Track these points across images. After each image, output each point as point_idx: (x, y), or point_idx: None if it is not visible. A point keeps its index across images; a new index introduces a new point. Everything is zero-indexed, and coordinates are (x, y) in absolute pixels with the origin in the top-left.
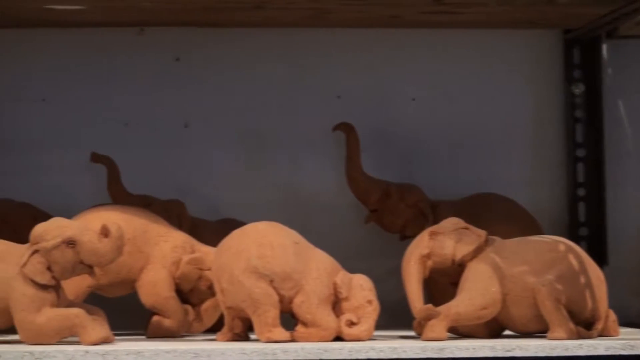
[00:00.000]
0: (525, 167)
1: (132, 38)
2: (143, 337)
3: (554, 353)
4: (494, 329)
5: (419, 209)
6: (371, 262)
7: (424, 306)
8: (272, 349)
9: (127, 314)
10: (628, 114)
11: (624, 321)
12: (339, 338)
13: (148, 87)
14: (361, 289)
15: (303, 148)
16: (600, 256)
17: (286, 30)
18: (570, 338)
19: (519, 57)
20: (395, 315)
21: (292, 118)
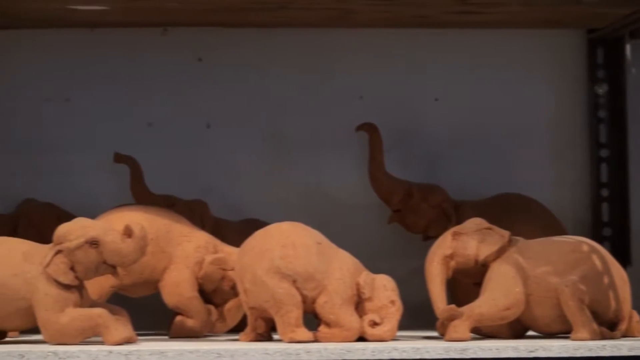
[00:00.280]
0: (548, 168)
1: (155, 38)
2: (166, 337)
3: (578, 354)
4: (517, 330)
5: (442, 210)
6: (394, 263)
7: (447, 307)
8: (295, 349)
9: (150, 314)
10: None
11: None
12: (362, 338)
13: (171, 88)
14: (384, 289)
15: (326, 148)
16: (623, 256)
17: (309, 30)
18: (593, 339)
19: (543, 57)
20: (418, 315)
21: (315, 118)
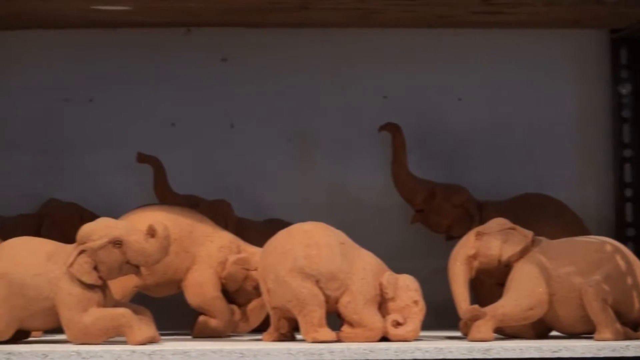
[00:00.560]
0: (572, 168)
1: (179, 39)
2: (189, 337)
3: (601, 354)
4: (541, 330)
5: (465, 210)
6: (417, 263)
7: (470, 307)
8: (318, 349)
9: (173, 314)
10: None
11: None
12: (385, 338)
13: (194, 88)
14: (407, 289)
15: (349, 148)
16: None
17: (332, 30)
18: (617, 339)
19: (566, 57)
20: (441, 315)
21: (339, 118)
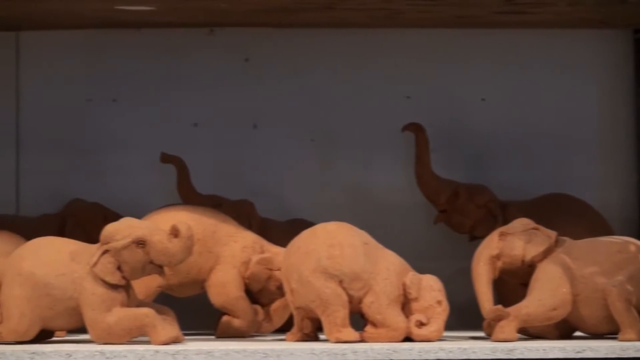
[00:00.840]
0: (595, 168)
1: (202, 39)
2: (213, 337)
3: (625, 354)
4: (564, 330)
5: (489, 210)
6: (440, 263)
7: (494, 307)
8: (342, 349)
9: (197, 314)
10: None
11: None
12: (409, 339)
13: (217, 88)
14: (431, 290)
15: (372, 148)
16: None
17: (356, 30)
18: None
19: (589, 57)
20: (464, 316)
21: (362, 118)
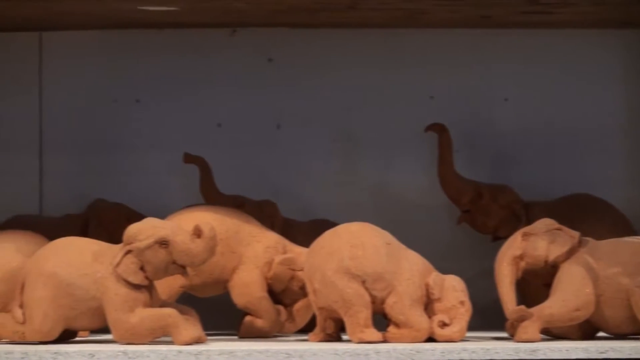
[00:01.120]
0: (618, 168)
1: (225, 39)
2: (235, 337)
3: None
4: (588, 331)
5: (512, 210)
6: (463, 263)
7: (517, 307)
8: (364, 350)
9: (219, 314)
10: None
11: None
12: (431, 339)
13: (240, 88)
14: (453, 290)
15: (395, 148)
16: None
17: (379, 30)
18: None
19: (613, 57)
20: (487, 316)
21: (385, 118)
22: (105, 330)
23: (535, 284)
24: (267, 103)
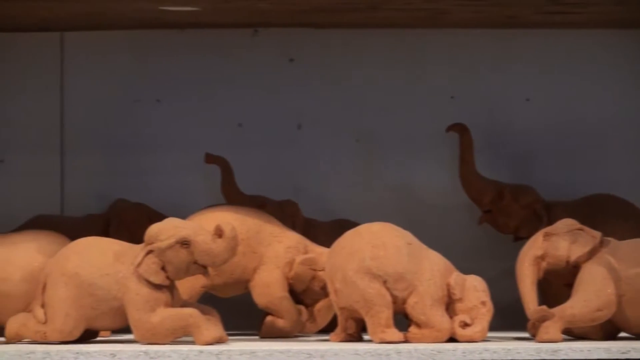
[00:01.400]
0: None
1: (246, 39)
2: (256, 337)
3: None
4: (609, 331)
5: (533, 210)
6: (484, 263)
7: (538, 307)
8: (386, 350)
9: (241, 314)
10: None
11: None
12: (453, 339)
13: (262, 88)
14: (475, 290)
15: (417, 149)
16: None
17: (401, 31)
18: None
19: (635, 58)
20: (509, 316)
21: (406, 119)
22: (126, 330)
23: (556, 284)
24: (288, 103)
